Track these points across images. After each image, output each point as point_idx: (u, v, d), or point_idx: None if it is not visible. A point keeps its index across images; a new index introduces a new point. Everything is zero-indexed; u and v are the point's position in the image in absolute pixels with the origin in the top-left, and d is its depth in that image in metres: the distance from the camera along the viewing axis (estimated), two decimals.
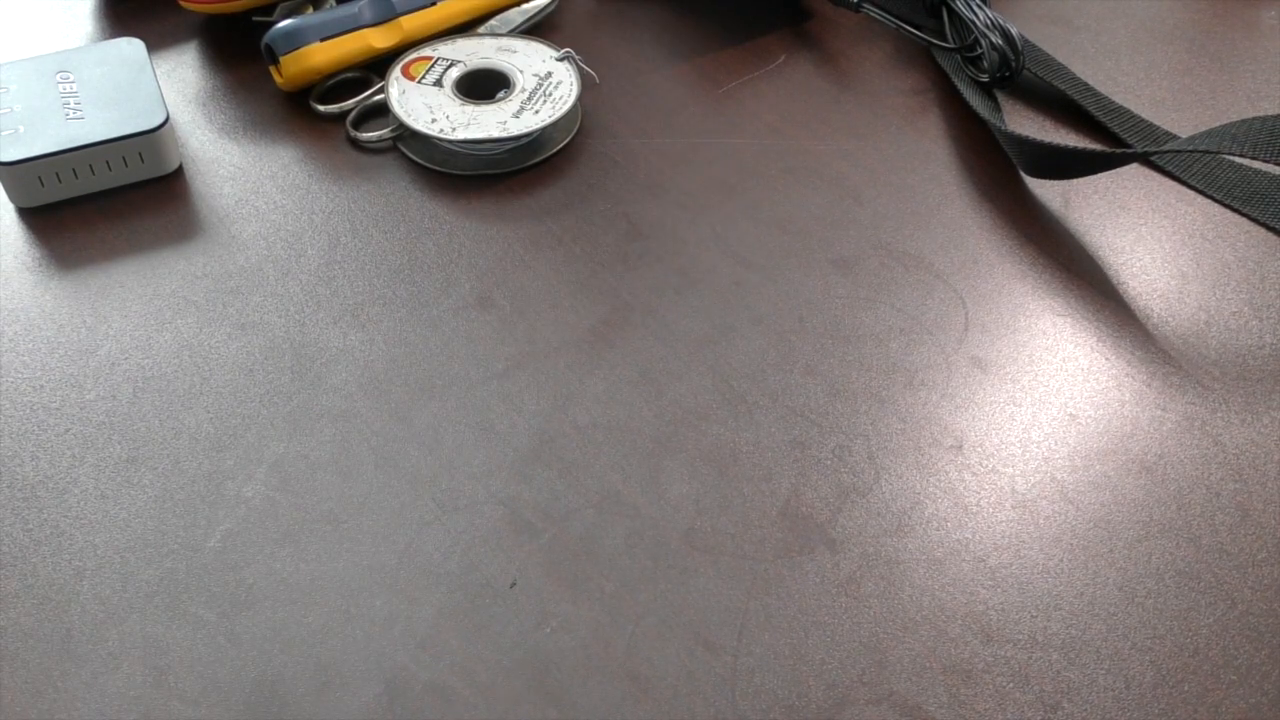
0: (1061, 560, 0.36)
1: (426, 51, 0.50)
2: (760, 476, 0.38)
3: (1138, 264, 0.45)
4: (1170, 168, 0.48)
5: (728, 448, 0.38)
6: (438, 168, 0.47)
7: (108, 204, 0.46)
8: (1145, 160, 0.49)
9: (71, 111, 0.46)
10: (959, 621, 0.34)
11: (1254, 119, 0.43)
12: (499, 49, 0.50)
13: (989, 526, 0.37)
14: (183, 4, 0.52)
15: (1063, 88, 0.51)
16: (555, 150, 0.48)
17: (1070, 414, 0.40)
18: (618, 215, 0.46)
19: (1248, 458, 0.39)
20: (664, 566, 0.35)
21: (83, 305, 0.42)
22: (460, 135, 0.47)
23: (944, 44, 0.51)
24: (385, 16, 0.50)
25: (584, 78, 0.52)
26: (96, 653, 0.33)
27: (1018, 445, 0.39)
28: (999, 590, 0.35)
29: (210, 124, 0.49)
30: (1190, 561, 0.36)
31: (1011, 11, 0.57)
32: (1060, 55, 0.54)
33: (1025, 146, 0.46)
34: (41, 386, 0.40)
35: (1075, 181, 0.48)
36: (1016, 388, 0.40)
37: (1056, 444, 0.39)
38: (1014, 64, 0.50)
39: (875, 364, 0.41)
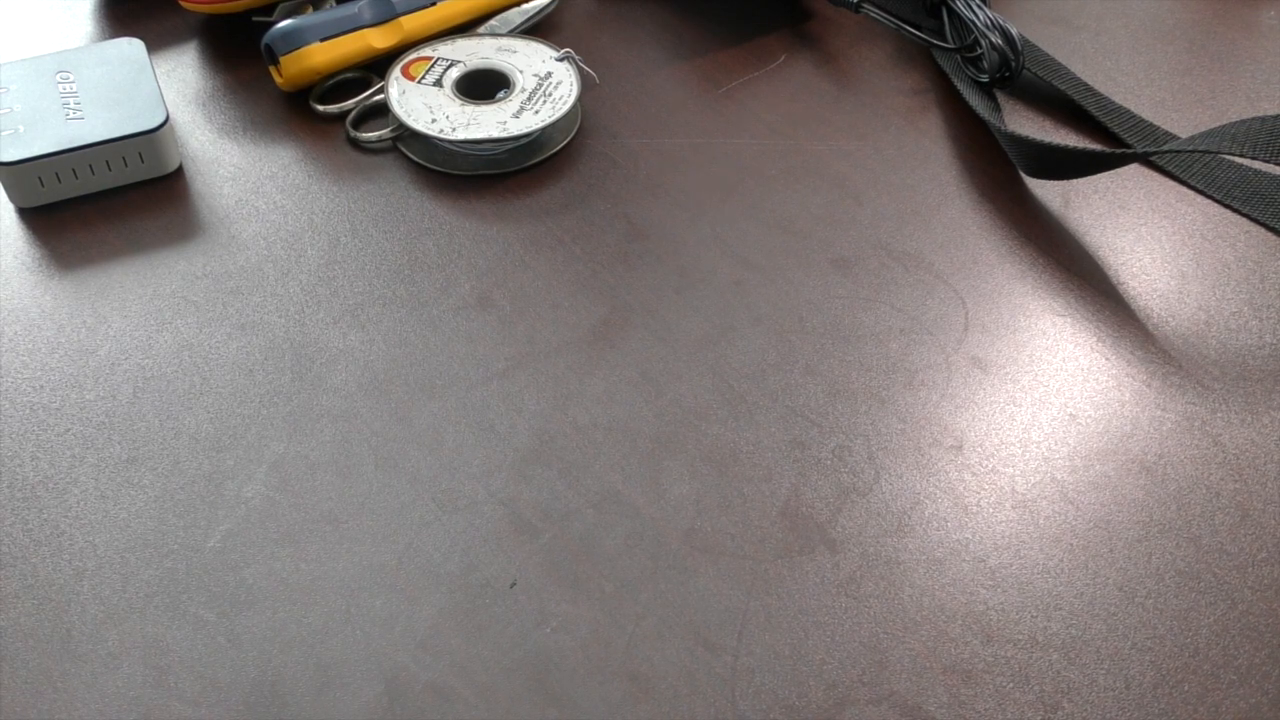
0: (1061, 560, 0.36)
1: (426, 52, 0.50)
2: (760, 476, 0.38)
3: (1137, 264, 0.45)
4: (1170, 168, 0.48)
5: (728, 448, 0.38)
6: (438, 168, 0.47)
7: (108, 204, 0.46)
8: (1145, 160, 0.49)
9: (71, 111, 0.46)
10: (959, 622, 0.34)
11: (1254, 119, 0.43)
12: (499, 49, 0.50)
13: (989, 526, 0.37)
14: (183, 4, 0.52)
15: (1062, 88, 0.51)
16: (555, 150, 0.48)
17: (1070, 414, 0.40)
18: (617, 215, 0.46)
19: (1247, 458, 0.39)
20: (664, 566, 0.35)
21: (83, 305, 0.42)
22: (460, 135, 0.47)
23: (944, 44, 0.51)
24: (385, 17, 0.50)
25: (584, 78, 0.52)
26: (96, 653, 0.33)
27: (1018, 445, 0.39)
28: (999, 590, 0.35)
29: (210, 124, 0.49)
30: (1190, 561, 0.36)
31: (1011, 11, 0.57)
32: (1060, 55, 0.54)
33: (1025, 147, 0.46)
34: (41, 387, 0.40)
35: (1075, 181, 0.48)
36: (1016, 388, 0.40)
37: (1056, 444, 0.39)
38: (1014, 64, 0.50)
39: (875, 364, 0.41)
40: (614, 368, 0.41)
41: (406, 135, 0.48)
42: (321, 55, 0.49)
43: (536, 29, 0.55)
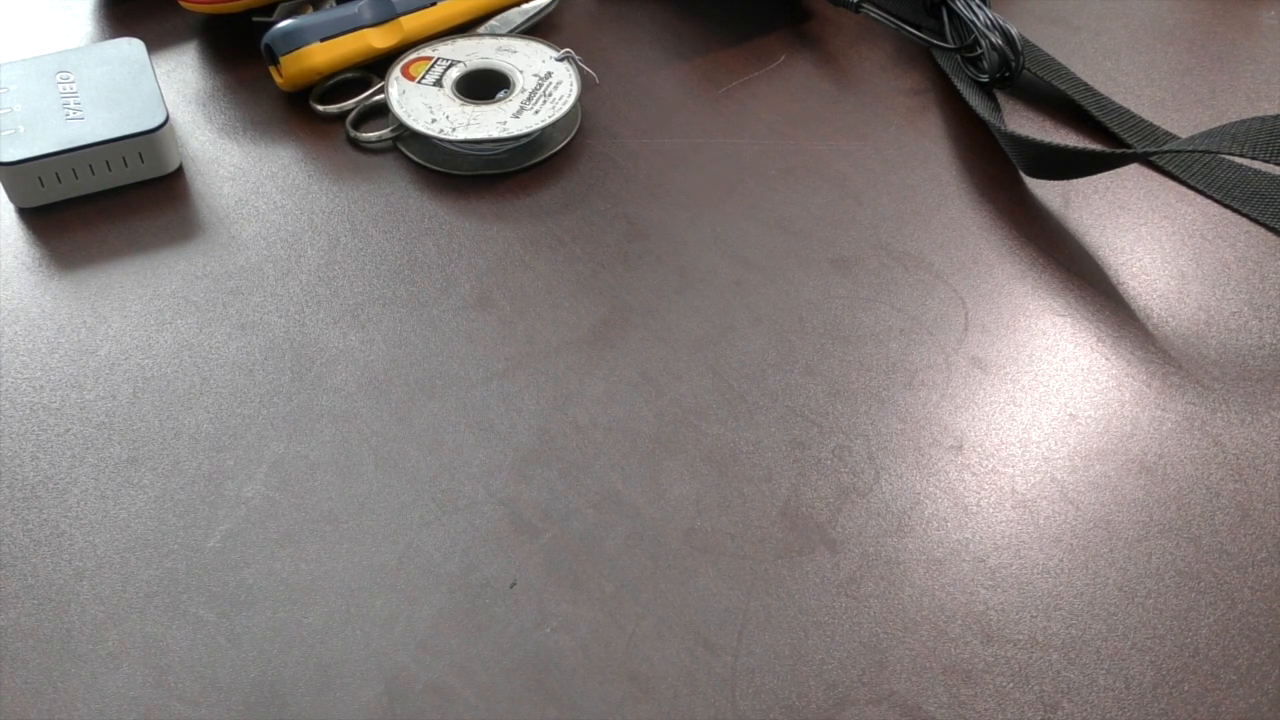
0: (1061, 560, 0.36)
1: (426, 52, 0.50)
2: (760, 476, 0.38)
3: (1137, 264, 0.45)
4: (1170, 168, 0.48)
5: (728, 448, 0.38)
6: (438, 168, 0.47)
7: (108, 204, 0.46)
8: (1145, 160, 0.49)
9: (71, 111, 0.46)
10: (959, 621, 0.34)
11: (1254, 119, 0.43)
12: (499, 49, 0.50)
13: (989, 526, 0.37)
14: (183, 4, 0.52)
15: (1063, 88, 0.51)
16: (555, 150, 0.48)
17: (1070, 414, 0.40)
18: (618, 215, 0.46)
19: (1248, 458, 0.39)
20: (664, 567, 0.35)
21: (83, 305, 0.42)
22: (460, 135, 0.47)
23: (944, 44, 0.51)
24: (385, 16, 0.50)
25: (584, 78, 0.52)
26: (96, 653, 0.33)
27: (1018, 445, 0.39)
28: (999, 590, 0.35)
29: (210, 124, 0.49)
30: (1190, 561, 0.36)
31: (1011, 11, 0.57)
32: (1060, 55, 0.54)
33: (1025, 147, 0.46)
34: (41, 386, 0.40)
35: (1075, 181, 0.48)
36: (1016, 388, 0.40)
37: (1056, 444, 0.39)
38: (1014, 64, 0.50)
39: (875, 364, 0.41)
40: (614, 368, 0.41)
41: (406, 135, 0.48)
42: (321, 55, 0.49)
43: (536, 29, 0.55)
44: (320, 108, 0.50)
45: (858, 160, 0.49)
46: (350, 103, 0.50)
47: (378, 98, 0.50)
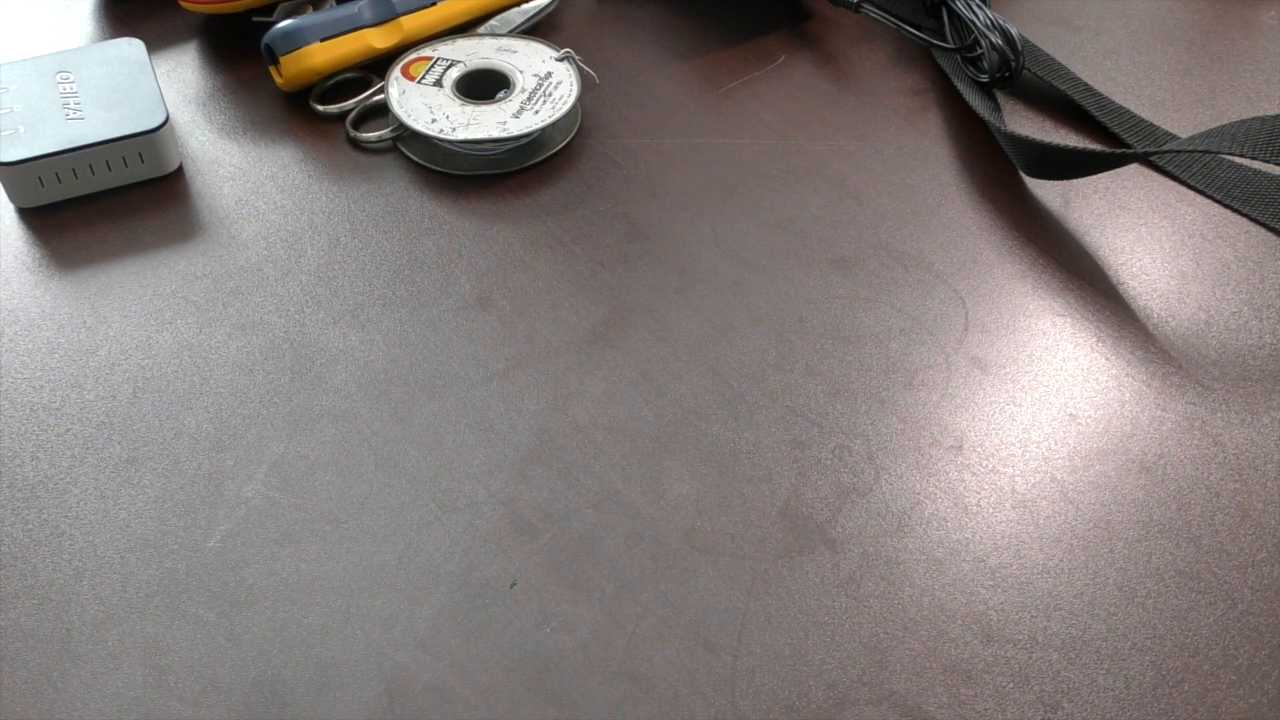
0: (1061, 560, 0.36)
1: (426, 52, 0.50)
2: (760, 476, 0.38)
3: (1137, 264, 0.45)
4: (1170, 168, 0.48)
5: (728, 448, 0.38)
6: (438, 168, 0.47)
7: (108, 204, 0.46)
8: (1145, 160, 0.49)
9: (71, 111, 0.46)
10: (959, 622, 0.34)
11: (1254, 119, 0.43)
12: (499, 49, 0.50)
13: (989, 526, 0.37)
14: (183, 4, 0.52)
15: (1063, 88, 0.51)
16: (555, 150, 0.48)
17: (1070, 414, 0.40)
18: (618, 215, 0.46)
19: (1248, 458, 0.39)
20: (664, 566, 0.35)
21: (83, 305, 0.42)
22: (460, 135, 0.47)
23: (944, 44, 0.51)
24: (385, 16, 0.50)
25: (584, 78, 0.52)
26: (96, 653, 0.33)
27: (1018, 445, 0.39)
28: (999, 590, 0.35)
29: (210, 124, 0.49)
30: (1190, 561, 0.36)
31: (1011, 11, 0.57)
32: (1060, 55, 0.54)
33: (1025, 147, 0.46)
34: (41, 387, 0.40)
35: (1075, 181, 0.48)
36: (1016, 388, 0.40)
37: (1056, 444, 0.39)
38: (1014, 64, 0.50)
39: (875, 364, 0.41)
40: (614, 368, 0.41)
41: (406, 135, 0.48)
42: (321, 55, 0.49)
43: (536, 29, 0.55)
44: (320, 108, 0.50)
45: (858, 160, 0.49)
46: (350, 103, 0.50)
47: (378, 98, 0.50)
